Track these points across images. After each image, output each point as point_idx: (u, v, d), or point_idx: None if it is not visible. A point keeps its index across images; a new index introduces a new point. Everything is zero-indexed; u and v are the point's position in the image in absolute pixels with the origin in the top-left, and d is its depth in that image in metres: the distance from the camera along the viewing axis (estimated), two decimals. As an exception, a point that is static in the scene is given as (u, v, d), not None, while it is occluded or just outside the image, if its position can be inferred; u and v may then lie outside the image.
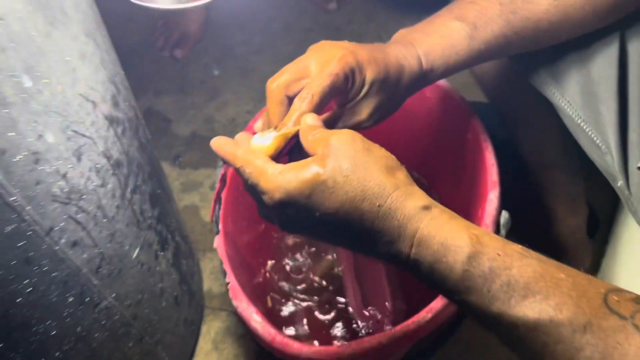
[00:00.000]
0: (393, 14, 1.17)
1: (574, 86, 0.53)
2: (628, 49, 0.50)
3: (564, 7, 0.47)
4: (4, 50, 0.33)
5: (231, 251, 0.60)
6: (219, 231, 0.60)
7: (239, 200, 0.64)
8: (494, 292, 0.31)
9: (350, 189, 0.34)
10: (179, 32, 1.15)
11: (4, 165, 0.35)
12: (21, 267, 0.40)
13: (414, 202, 0.34)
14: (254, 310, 0.54)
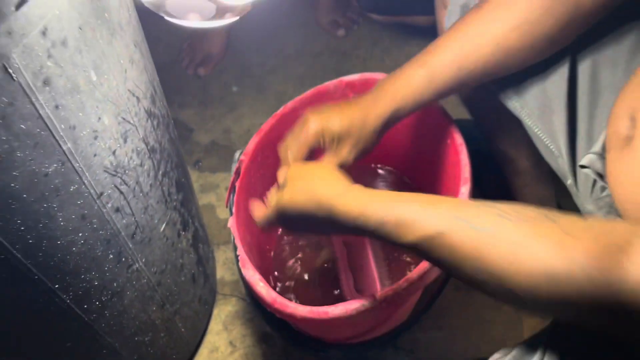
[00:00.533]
0: (395, 41, 1.29)
1: (532, 101, 0.63)
2: (578, 68, 0.61)
3: (506, 49, 0.57)
4: (81, 51, 0.45)
5: (242, 231, 0.70)
6: (233, 213, 0.71)
7: (250, 190, 0.75)
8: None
9: (301, 199, 0.52)
10: (202, 53, 1.28)
11: (74, 137, 0.46)
12: (78, 222, 0.51)
13: (340, 191, 0.50)
14: (259, 277, 0.64)
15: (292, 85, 1.26)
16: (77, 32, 0.44)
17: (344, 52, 1.31)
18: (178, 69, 1.30)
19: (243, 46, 1.33)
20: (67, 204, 0.49)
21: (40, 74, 0.41)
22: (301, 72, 1.28)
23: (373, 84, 0.81)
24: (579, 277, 0.34)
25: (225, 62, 1.31)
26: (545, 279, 0.36)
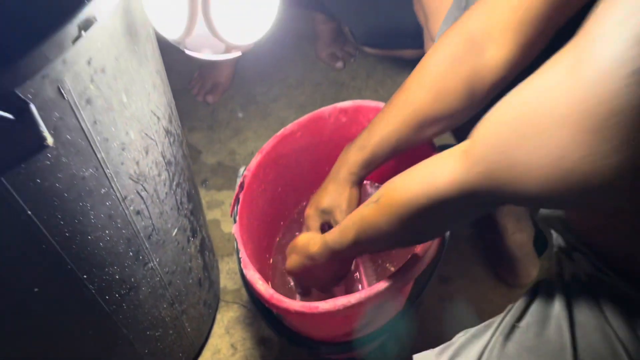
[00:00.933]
0: (388, 73, 1.40)
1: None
2: None
3: (423, 115, 0.66)
4: (115, 77, 0.54)
5: (245, 236, 0.79)
6: (236, 221, 0.80)
7: (252, 202, 0.84)
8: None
9: (290, 260, 0.75)
10: (211, 82, 1.39)
11: (106, 148, 0.56)
12: (106, 221, 0.60)
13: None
14: (258, 277, 0.73)
15: (293, 112, 1.36)
16: (114, 62, 0.54)
17: (342, 83, 1.41)
18: (189, 96, 1.40)
19: (249, 76, 1.44)
20: (98, 204, 0.58)
21: (84, 95, 0.51)
22: (302, 101, 1.39)
23: (363, 111, 0.92)
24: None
25: (232, 90, 1.42)
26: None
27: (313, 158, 0.95)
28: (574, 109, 0.32)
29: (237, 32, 0.54)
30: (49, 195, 0.52)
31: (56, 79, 0.46)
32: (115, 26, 0.53)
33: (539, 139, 0.34)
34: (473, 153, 0.43)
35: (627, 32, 0.29)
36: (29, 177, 0.49)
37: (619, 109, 0.30)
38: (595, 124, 0.31)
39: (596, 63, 0.31)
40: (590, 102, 0.31)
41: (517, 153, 0.37)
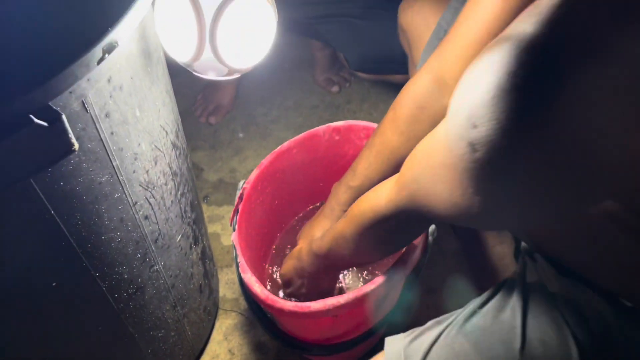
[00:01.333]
0: (381, 97, 1.48)
1: None
2: None
3: (397, 156, 0.75)
4: (131, 94, 0.62)
5: (243, 244, 0.86)
6: (235, 230, 0.86)
7: (251, 212, 0.91)
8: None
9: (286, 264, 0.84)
10: (213, 104, 1.47)
11: (121, 157, 0.63)
12: (118, 223, 0.67)
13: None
14: (255, 279, 0.79)
15: (291, 133, 1.44)
16: (130, 81, 0.61)
17: (337, 106, 1.49)
18: (192, 117, 1.48)
19: (250, 99, 1.52)
20: (112, 208, 0.65)
21: (104, 109, 0.58)
22: (300, 122, 1.47)
23: (355, 130, 0.99)
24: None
25: (233, 112, 1.50)
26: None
27: (308, 173, 1.02)
28: (445, 159, 0.40)
29: (238, 57, 0.61)
30: (70, 197, 0.59)
31: (81, 94, 0.54)
32: (132, 50, 0.60)
33: (437, 175, 0.43)
34: (400, 180, 0.52)
35: (464, 110, 0.37)
36: (54, 181, 0.56)
37: (462, 170, 0.38)
38: (455, 175, 0.39)
39: (449, 129, 0.39)
40: (449, 159, 0.39)
41: (426, 184, 0.46)
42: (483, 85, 0.34)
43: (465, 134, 0.36)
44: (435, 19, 0.84)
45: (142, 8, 0.56)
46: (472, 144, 0.36)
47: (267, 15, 0.59)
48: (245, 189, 0.91)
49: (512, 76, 0.33)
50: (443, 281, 1.10)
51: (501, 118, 0.33)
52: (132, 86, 0.62)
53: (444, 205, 0.44)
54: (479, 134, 0.35)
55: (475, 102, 0.35)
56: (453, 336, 0.58)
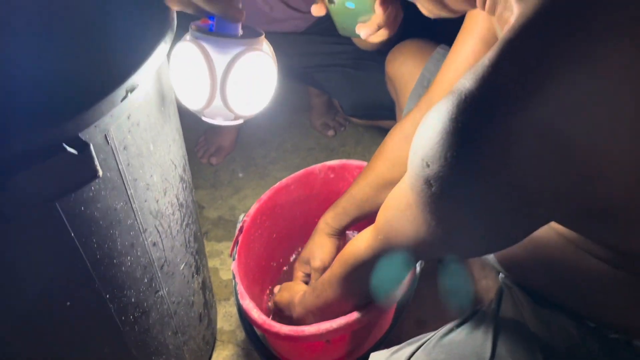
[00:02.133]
0: (375, 140, 1.57)
1: None
2: None
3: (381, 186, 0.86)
4: (146, 130, 0.69)
5: (242, 273, 0.91)
6: (235, 259, 0.92)
7: (250, 244, 0.97)
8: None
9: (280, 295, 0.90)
10: (215, 146, 1.55)
11: (135, 186, 0.69)
12: (129, 248, 0.73)
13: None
14: (253, 305, 0.84)
15: (289, 173, 1.48)
16: (146, 118, 0.68)
17: (332, 149, 1.57)
18: (194, 158, 1.56)
19: (250, 141, 1.60)
20: (124, 233, 0.71)
21: (123, 142, 0.65)
22: (297, 163, 1.54)
23: (349, 168, 1.07)
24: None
25: (233, 153, 1.57)
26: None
27: (304, 209, 1.09)
28: (409, 199, 0.48)
29: (245, 105, 0.69)
30: (89, 221, 0.65)
31: (104, 128, 0.61)
32: (149, 91, 0.68)
33: (405, 215, 0.50)
34: (376, 226, 0.60)
35: (419, 152, 0.44)
36: (76, 205, 0.62)
37: (423, 205, 0.46)
38: (418, 212, 0.47)
39: (409, 171, 0.47)
40: (412, 197, 0.47)
41: (397, 225, 0.53)
42: (432, 131, 0.41)
43: (421, 172, 0.43)
44: (418, 70, 0.94)
45: (159, 56, 0.64)
46: (428, 180, 0.43)
47: (270, 68, 0.68)
48: (246, 222, 0.97)
49: (454, 122, 0.40)
50: (432, 313, 1.15)
51: (447, 156, 0.41)
52: (148, 123, 0.69)
53: (414, 241, 0.52)
54: (431, 172, 0.42)
55: (426, 145, 0.42)
56: (430, 348, 0.64)
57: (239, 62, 0.64)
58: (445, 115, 0.41)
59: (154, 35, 0.65)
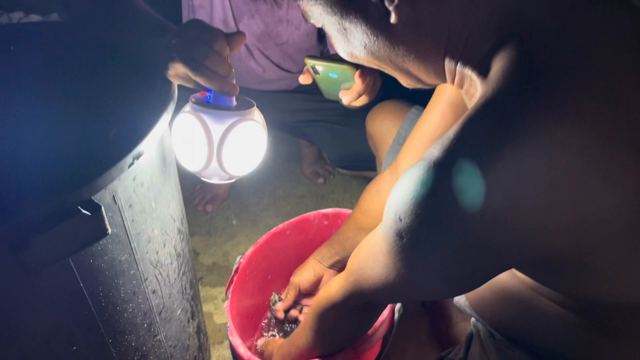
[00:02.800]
0: (362, 187, 1.64)
1: None
2: None
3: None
4: (149, 189, 0.77)
5: (234, 312, 0.98)
6: (228, 298, 0.99)
7: (244, 284, 1.04)
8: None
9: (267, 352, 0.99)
10: (211, 194, 1.63)
11: (138, 240, 0.77)
12: (130, 296, 0.80)
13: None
14: (241, 342, 0.90)
15: (281, 219, 1.58)
16: (149, 179, 0.77)
17: (322, 196, 1.66)
18: (191, 205, 1.63)
19: (243, 189, 1.69)
20: (127, 282, 0.78)
21: (128, 201, 0.73)
22: (288, 210, 1.62)
23: (342, 217, 1.15)
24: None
25: (228, 201, 1.65)
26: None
27: (299, 253, 1.16)
28: (381, 247, 0.56)
29: (238, 167, 0.78)
30: (96, 272, 0.72)
31: (113, 190, 0.69)
32: (152, 156, 0.76)
33: (376, 261, 0.59)
34: (348, 269, 0.68)
35: (393, 208, 0.52)
36: (86, 258, 0.69)
37: (394, 254, 0.54)
38: (389, 259, 0.55)
39: (383, 224, 0.55)
40: (385, 246, 0.56)
41: (368, 269, 0.61)
42: (405, 191, 0.50)
43: (395, 226, 0.51)
44: (395, 128, 1.04)
45: (162, 125, 0.73)
46: (400, 233, 0.51)
47: (260, 135, 0.77)
48: (241, 263, 1.04)
49: (424, 185, 0.48)
50: (416, 357, 1.21)
51: (419, 213, 0.49)
52: (151, 183, 0.77)
53: (383, 285, 0.59)
54: (403, 225, 0.50)
55: (400, 202, 0.50)
56: None
57: (233, 131, 0.73)
58: (417, 179, 0.49)
59: (157, 107, 0.74)
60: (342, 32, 0.59)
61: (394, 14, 0.54)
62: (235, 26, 1.21)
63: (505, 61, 0.50)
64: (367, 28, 0.57)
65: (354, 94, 0.84)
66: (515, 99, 0.47)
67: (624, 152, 0.46)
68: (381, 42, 0.57)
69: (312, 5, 0.59)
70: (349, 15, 0.57)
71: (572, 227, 0.48)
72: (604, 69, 0.48)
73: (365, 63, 0.62)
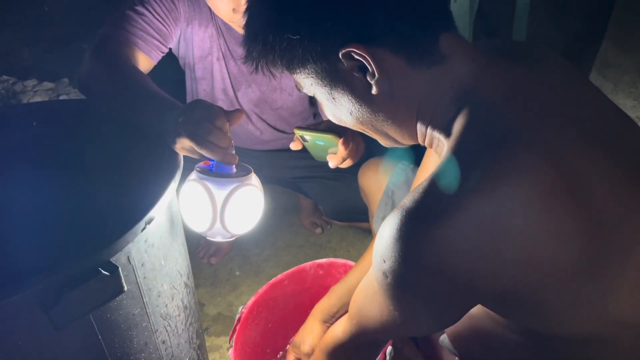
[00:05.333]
0: (358, 236, 1.74)
1: None
2: None
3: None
4: (159, 248, 0.86)
5: (238, 359, 1.05)
6: (232, 346, 1.06)
7: (246, 332, 1.12)
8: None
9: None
10: (214, 247, 1.72)
11: (149, 295, 0.86)
12: (142, 346, 0.88)
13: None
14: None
15: (281, 269, 1.66)
16: (159, 239, 0.86)
17: (320, 245, 1.74)
18: (195, 259, 1.72)
19: (245, 241, 1.77)
20: (140, 333, 0.86)
21: (141, 260, 0.82)
22: (288, 260, 1.70)
23: (335, 266, 1.24)
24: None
25: (231, 253, 1.74)
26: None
27: (297, 302, 1.24)
28: (373, 289, 0.64)
29: (239, 227, 0.87)
30: (112, 325, 0.81)
31: (128, 251, 0.78)
32: (162, 219, 0.86)
33: (371, 302, 0.67)
34: (350, 312, 0.76)
35: (378, 251, 0.60)
36: (104, 313, 0.78)
37: (383, 293, 0.62)
38: (380, 299, 0.63)
39: (372, 267, 0.64)
40: (375, 287, 0.63)
41: (365, 310, 0.69)
42: (385, 236, 0.58)
43: (380, 267, 0.60)
44: (384, 182, 1.13)
45: (171, 192, 0.83)
46: (385, 273, 0.59)
47: (258, 198, 0.87)
48: (243, 313, 1.12)
49: (399, 231, 0.57)
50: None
51: (396, 255, 0.57)
52: (161, 243, 0.87)
53: (380, 323, 0.67)
54: (387, 266, 0.59)
55: (382, 246, 0.59)
56: None
57: (234, 196, 0.83)
58: (393, 225, 0.57)
59: (166, 176, 0.84)
60: (331, 100, 0.69)
61: (374, 87, 0.64)
62: (234, 94, 1.34)
63: (462, 127, 0.61)
64: (352, 98, 0.67)
65: (339, 158, 0.94)
66: (471, 159, 0.57)
67: (566, 201, 0.55)
68: (364, 109, 0.67)
69: (304, 78, 0.68)
70: (337, 87, 0.66)
71: (522, 268, 0.56)
72: (546, 130, 0.58)
73: (351, 126, 0.73)
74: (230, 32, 1.24)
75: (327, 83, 0.67)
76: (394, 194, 1.11)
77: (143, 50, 1.09)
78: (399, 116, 0.68)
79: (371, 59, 0.61)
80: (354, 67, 0.63)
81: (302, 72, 0.67)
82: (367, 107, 0.67)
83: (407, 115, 0.67)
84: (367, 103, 0.67)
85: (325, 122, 0.99)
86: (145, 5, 1.11)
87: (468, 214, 0.54)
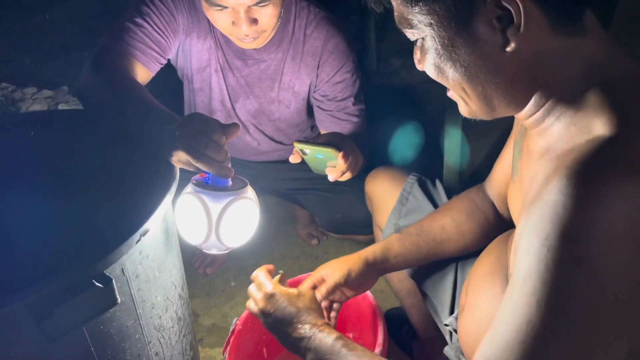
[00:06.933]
0: (354, 248, 1.74)
1: (434, 285, 1.05)
2: (458, 269, 1.03)
3: (446, 236, 1.00)
4: (153, 260, 0.86)
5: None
6: (226, 358, 1.06)
7: (240, 344, 1.12)
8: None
9: (285, 311, 0.88)
10: (210, 257, 1.72)
11: (143, 306, 0.86)
12: (136, 358, 0.88)
13: (313, 321, 0.84)
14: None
15: (276, 281, 1.66)
16: (153, 251, 0.86)
17: (316, 256, 1.75)
18: (190, 269, 1.72)
19: (241, 251, 1.76)
20: (133, 345, 0.86)
21: (135, 272, 0.82)
22: (284, 271, 1.69)
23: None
24: None
25: (227, 263, 1.74)
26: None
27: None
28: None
29: (234, 239, 0.88)
30: (105, 337, 0.81)
31: (122, 263, 0.78)
32: (156, 230, 0.86)
33: (554, 335, 0.53)
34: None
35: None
36: (97, 325, 0.78)
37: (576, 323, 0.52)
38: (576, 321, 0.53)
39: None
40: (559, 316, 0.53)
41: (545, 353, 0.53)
42: (573, 202, 0.52)
43: (562, 253, 0.52)
44: (393, 190, 1.14)
45: (166, 205, 0.83)
46: (578, 259, 0.51)
47: (253, 210, 0.87)
48: (237, 325, 1.12)
49: (602, 185, 0.51)
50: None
51: (599, 224, 0.51)
52: (155, 255, 0.87)
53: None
54: (582, 246, 0.51)
55: (567, 217, 0.52)
56: None
57: (229, 209, 0.83)
58: (586, 183, 0.53)
59: (162, 188, 0.85)
60: (446, 48, 0.61)
61: (513, 42, 0.58)
62: (232, 106, 1.34)
63: (617, 102, 0.57)
64: (477, 50, 0.59)
65: (338, 172, 0.95)
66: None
67: None
68: (485, 66, 0.60)
69: (425, 15, 0.60)
70: (463, 34, 0.59)
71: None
72: None
73: (452, 82, 0.64)
74: (229, 44, 1.25)
75: (453, 26, 0.59)
76: (409, 202, 1.12)
77: (141, 62, 1.10)
78: (520, 81, 0.62)
79: (524, 12, 0.56)
80: (494, 16, 0.57)
81: (429, 6, 0.59)
82: (490, 65, 0.60)
83: (530, 81, 0.62)
84: (492, 60, 0.60)
85: (323, 136, 0.99)
86: (144, 17, 1.12)
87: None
